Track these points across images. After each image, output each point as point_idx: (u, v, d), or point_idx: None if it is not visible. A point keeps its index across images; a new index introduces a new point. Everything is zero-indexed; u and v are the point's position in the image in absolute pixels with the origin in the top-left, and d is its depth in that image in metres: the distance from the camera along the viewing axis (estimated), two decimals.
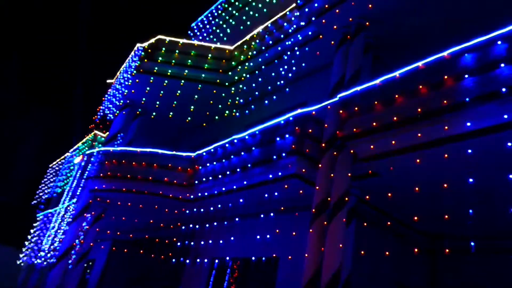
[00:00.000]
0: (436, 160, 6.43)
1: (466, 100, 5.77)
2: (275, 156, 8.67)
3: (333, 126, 8.01)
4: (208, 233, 11.65)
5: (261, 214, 10.00)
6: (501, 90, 5.46)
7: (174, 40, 14.27)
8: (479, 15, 8.02)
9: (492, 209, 7.36)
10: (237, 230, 10.70)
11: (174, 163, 11.69)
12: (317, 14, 9.64)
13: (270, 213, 9.79)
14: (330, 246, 7.12)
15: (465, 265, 9.08)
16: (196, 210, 11.55)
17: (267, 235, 9.60)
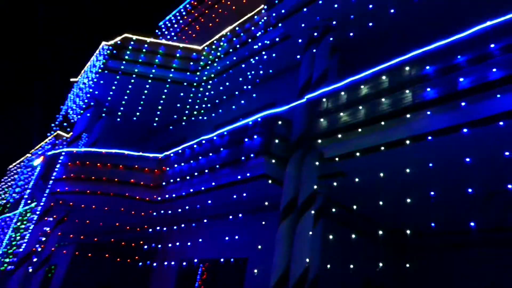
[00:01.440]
0: (399, 160, 6.63)
1: (428, 101, 5.97)
2: (244, 157, 8.66)
3: (300, 126, 8.10)
4: (175, 235, 11.49)
5: (229, 215, 9.96)
6: (460, 92, 5.68)
7: (141, 38, 14.01)
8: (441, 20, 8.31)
9: (454, 205, 7.66)
10: (205, 231, 10.62)
11: (141, 164, 11.45)
12: (285, 16, 9.73)
13: (239, 214, 9.78)
14: (298, 246, 7.19)
15: (428, 259, 9.41)
16: (163, 212, 11.37)
17: (235, 236, 9.58)
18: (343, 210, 8.93)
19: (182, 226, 11.46)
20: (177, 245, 11.27)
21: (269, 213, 8.89)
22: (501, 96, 5.40)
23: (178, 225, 11.61)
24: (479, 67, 5.72)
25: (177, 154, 10.86)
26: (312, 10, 9.20)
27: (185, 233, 11.24)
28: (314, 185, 7.57)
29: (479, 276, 8.46)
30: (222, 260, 9.79)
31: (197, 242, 10.62)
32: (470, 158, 6.04)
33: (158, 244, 12.09)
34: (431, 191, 6.74)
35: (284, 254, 7.27)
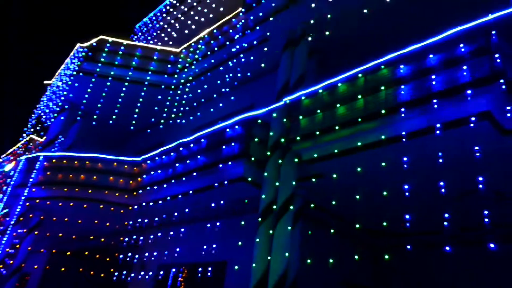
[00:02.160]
0: (375, 161, 6.74)
1: (402, 104, 6.10)
2: (222, 160, 8.63)
3: (278, 129, 8.14)
4: (153, 241, 11.33)
5: (208, 219, 9.90)
6: (432, 96, 5.82)
7: (117, 40, 13.81)
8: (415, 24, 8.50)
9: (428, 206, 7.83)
10: (183, 236, 10.51)
11: (118, 169, 11.27)
12: (263, 18, 9.78)
13: (217, 217, 9.73)
14: (277, 248, 7.20)
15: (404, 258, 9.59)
16: (140, 217, 11.21)
17: (214, 240, 9.52)
18: (321, 211, 9.00)
19: (160, 231, 11.31)
20: (155, 251, 11.11)
21: (248, 215, 8.89)
22: (471, 98, 5.56)
23: (156, 230, 11.46)
24: (451, 70, 5.88)
25: (155, 157, 10.74)
26: (290, 13, 9.27)
27: (163, 238, 11.09)
28: (293, 187, 7.61)
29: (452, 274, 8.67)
30: (200, 265, 9.71)
31: (175, 247, 10.50)
32: (443, 159, 6.19)
33: (135, 249, 11.89)
34: (406, 191, 6.88)
35: (263, 256, 7.28)
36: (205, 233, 9.80)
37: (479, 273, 8.46)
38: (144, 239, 11.77)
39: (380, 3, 8.58)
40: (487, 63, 5.57)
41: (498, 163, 6.19)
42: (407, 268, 9.61)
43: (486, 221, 7.10)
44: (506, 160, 5.99)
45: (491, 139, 5.78)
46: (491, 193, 7.15)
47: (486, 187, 6.53)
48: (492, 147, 5.87)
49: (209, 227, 9.77)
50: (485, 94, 5.52)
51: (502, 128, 5.67)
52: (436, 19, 7.50)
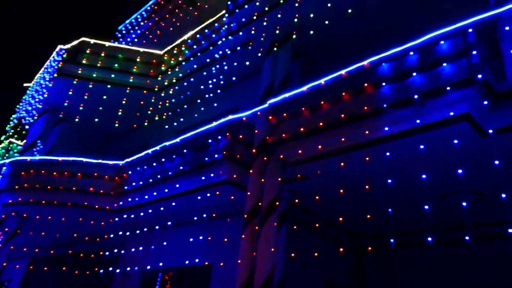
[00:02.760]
0: (359, 163, 6.81)
1: (384, 106, 6.19)
2: (207, 163, 8.60)
3: (263, 131, 8.15)
4: (137, 244, 11.18)
5: (192, 222, 9.83)
6: (413, 97, 5.92)
7: (99, 42, 13.64)
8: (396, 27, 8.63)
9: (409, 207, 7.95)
10: (168, 239, 10.41)
11: (101, 172, 11.09)
12: (247, 21, 9.79)
13: (202, 220, 9.67)
14: (262, 251, 7.21)
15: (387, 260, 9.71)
16: (124, 221, 11.06)
17: (199, 243, 9.46)
18: (306, 214, 9.05)
19: (144, 234, 11.18)
20: (139, 254, 10.97)
21: (233, 218, 8.87)
22: (451, 100, 5.68)
23: (140, 233, 11.32)
24: (431, 73, 5.99)
25: (138, 160, 10.62)
26: (273, 16, 9.31)
27: (147, 241, 10.97)
28: (278, 189, 7.63)
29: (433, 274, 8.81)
30: (185, 269, 9.64)
31: (159, 250, 10.40)
32: (425, 160, 6.30)
33: (119, 253, 11.72)
34: (389, 192, 6.97)
35: (249, 260, 7.27)
36: (190, 236, 9.73)
37: (460, 272, 8.62)
38: (128, 244, 11.62)
39: (362, 7, 8.68)
40: (466, 66, 5.68)
41: (478, 164, 6.32)
42: (389, 268, 9.73)
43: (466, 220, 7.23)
44: (485, 160, 6.12)
45: (470, 140, 5.90)
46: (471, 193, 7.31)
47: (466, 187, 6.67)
48: (471, 148, 5.99)
49: (194, 230, 9.71)
50: (465, 96, 5.63)
51: (481, 129, 5.80)
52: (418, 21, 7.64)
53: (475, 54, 5.68)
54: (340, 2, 8.69)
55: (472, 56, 5.68)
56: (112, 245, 12.07)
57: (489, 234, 8.11)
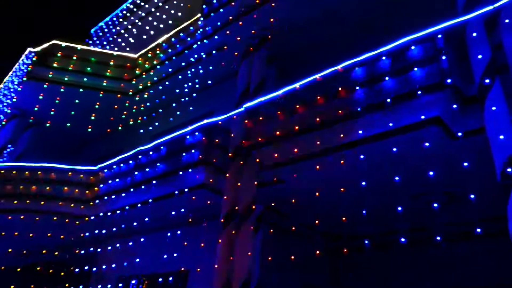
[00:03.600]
0: (334, 166, 6.89)
1: (358, 109, 6.29)
2: (182, 167, 8.53)
3: (239, 135, 8.15)
4: (111, 252, 10.94)
5: (168, 228, 9.71)
6: (386, 101, 6.04)
7: (71, 45, 13.34)
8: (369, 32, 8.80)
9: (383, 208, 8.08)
10: (143, 246, 10.24)
11: (73, 178, 10.84)
12: (221, 26, 9.79)
13: (178, 226, 9.57)
14: (239, 255, 7.18)
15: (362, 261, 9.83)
16: (98, 227, 10.81)
17: (175, 249, 9.34)
18: (282, 217, 9.08)
19: (118, 242, 10.95)
20: (113, 263, 10.74)
21: (210, 223, 8.80)
22: (422, 104, 5.82)
23: (114, 241, 11.09)
24: (403, 77, 6.13)
25: (112, 166, 10.43)
26: (248, 20, 9.34)
27: (122, 248, 10.76)
28: (254, 194, 7.63)
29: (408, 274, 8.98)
30: (162, 275, 9.50)
31: (134, 258, 10.20)
32: (397, 163, 6.43)
33: (92, 263, 11.43)
34: (363, 194, 7.08)
35: (225, 264, 7.23)
36: (165, 242, 9.60)
37: (433, 272, 8.81)
38: (102, 250, 11.36)
39: (336, 12, 8.82)
40: (436, 70, 5.85)
41: (448, 166, 6.49)
42: (365, 269, 9.85)
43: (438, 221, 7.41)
44: (455, 162, 6.28)
45: (441, 143, 6.06)
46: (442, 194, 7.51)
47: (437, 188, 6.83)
48: (442, 151, 6.16)
49: (170, 235, 9.58)
50: (435, 100, 5.79)
51: (451, 132, 5.97)
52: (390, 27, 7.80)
53: (444, 59, 5.86)
54: (313, 8, 8.80)
55: (442, 61, 5.86)
56: (85, 252, 11.78)
57: (459, 234, 8.32)
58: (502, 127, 5.21)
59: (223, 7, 9.55)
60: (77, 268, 11.66)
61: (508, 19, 5.71)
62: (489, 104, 5.42)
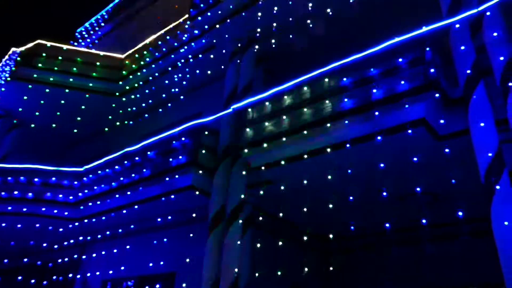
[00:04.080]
0: (321, 167, 6.94)
1: (345, 111, 6.35)
2: (170, 169, 8.47)
3: (227, 136, 8.15)
4: (98, 253, 10.83)
5: (156, 228, 9.64)
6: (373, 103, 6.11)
7: (56, 45, 13.15)
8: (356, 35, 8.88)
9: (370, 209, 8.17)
10: (130, 249, 10.14)
11: (58, 180, 10.69)
12: (209, 27, 9.78)
13: (166, 227, 9.50)
14: (227, 256, 7.18)
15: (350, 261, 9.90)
16: (84, 229, 10.68)
17: (162, 250, 9.28)
18: (271, 218, 9.08)
19: (105, 243, 10.84)
20: (100, 263, 10.62)
21: (197, 224, 8.76)
22: (408, 106, 5.90)
23: (101, 242, 10.97)
24: (390, 79, 6.21)
25: (98, 167, 10.31)
26: (236, 22, 9.34)
27: (108, 250, 10.64)
28: (242, 195, 7.63)
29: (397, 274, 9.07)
30: (148, 277, 9.42)
31: (121, 261, 10.10)
32: (384, 164, 6.49)
33: (78, 262, 11.28)
34: (350, 195, 7.14)
35: (213, 265, 7.23)
36: (152, 245, 9.53)
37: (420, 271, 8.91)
38: (87, 254, 11.22)
39: (323, 15, 8.86)
40: (422, 73, 5.93)
41: (433, 167, 6.59)
42: (353, 269, 9.92)
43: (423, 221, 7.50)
44: (440, 164, 6.39)
45: (427, 144, 6.15)
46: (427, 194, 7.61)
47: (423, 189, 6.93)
48: (427, 152, 6.24)
49: (157, 238, 9.52)
50: (421, 102, 5.88)
51: (436, 134, 6.06)
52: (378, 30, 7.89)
53: (430, 62, 5.95)
54: (300, 11, 8.84)
55: (427, 63, 5.95)
56: (71, 254, 11.62)
57: (445, 234, 8.45)
58: (486, 128, 5.32)
59: (210, 9, 9.54)
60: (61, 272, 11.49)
61: (492, 22, 5.84)
62: (473, 106, 5.54)
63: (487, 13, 5.92)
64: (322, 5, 8.67)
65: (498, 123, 5.40)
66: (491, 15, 5.88)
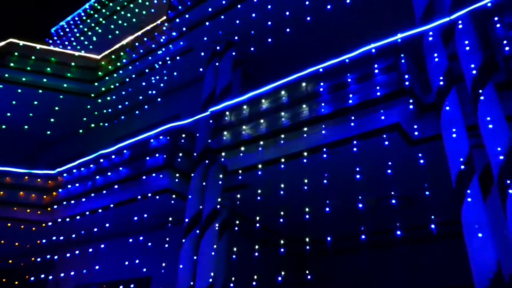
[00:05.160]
0: (297, 172, 6.96)
1: (321, 115, 6.40)
2: (146, 171, 8.36)
3: (204, 139, 8.10)
4: (69, 260, 10.54)
5: (130, 234, 9.48)
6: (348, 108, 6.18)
7: (30, 44, 12.82)
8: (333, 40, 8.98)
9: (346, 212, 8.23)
10: (104, 252, 9.93)
11: (29, 183, 10.40)
12: (188, 29, 9.71)
13: (141, 231, 9.36)
14: (203, 260, 7.12)
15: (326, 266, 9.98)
16: (56, 234, 10.40)
17: (137, 255, 9.12)
18: (247, 222, 9.05)
19: (78, 247, 10.57)
20: (72, 270, 10.35)
21: (173, 228, 8.67)
22: (383, 111, 6.00)
23: (73, 248, 10.69)
24: (365, 85, 6.29)
25: (72, 169, 10.10)
26: (214, 24, 9.31)
27: (81, 255, 10.39)
28: (218, 199, 7.58)
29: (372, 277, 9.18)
30: (123, 282, 9.24)
31: (94, 265, 9.87)
32: (360, 168, 6.56)
33: (48, 271, 10.96)
34: (326, 200, 7.19)
35: (189, 270, 7.15)
36: (127, 249, 9.37)
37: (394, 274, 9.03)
38: (60, 258, 10.92)
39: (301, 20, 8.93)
40: (397, 79, 6.04)
41: (407, 171, 6.71)
42: (329, 272, 9.99)
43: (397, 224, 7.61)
44: (414, 168, 6.50)
45: (400, 149, 6.26)
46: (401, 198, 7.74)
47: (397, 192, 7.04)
48: (401, 157, 6.36)
49: (132, 242, 9.36)
50: (395, 108, 5.98)
51: (410, 139, 6.18)
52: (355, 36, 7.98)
53: (404, 68, 6.07)
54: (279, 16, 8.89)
55: (402, 70, 6.06)
56: (42, 260, 11.30)
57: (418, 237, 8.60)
58: (457, 134, 5.46)
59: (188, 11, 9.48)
60: (32, 276, 11.16)
61: (463, 31, 6.00)
62: (445, 112, 5.67)
63: (459, 22, 6.08)
64: (300, 11, 8.73)
65: (468, 129, 5.54)
66: (463, 23, 6.04)
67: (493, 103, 5.35)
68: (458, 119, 5.56)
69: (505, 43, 5.50)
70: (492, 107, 5.32)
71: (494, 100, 5.37)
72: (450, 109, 5.64)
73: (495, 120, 5.23)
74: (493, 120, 5.23)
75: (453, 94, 5.75)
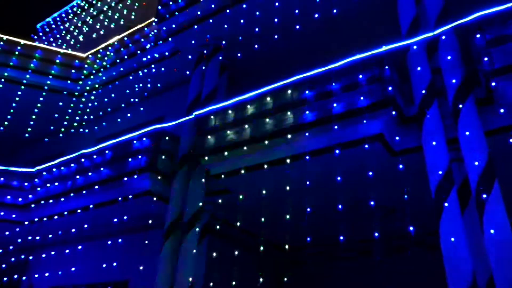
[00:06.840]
0: (280, 178, 6.97)
1: (305, 123, 6.43)
2: (127, 173, 8.25)
3: (188, 143, 8.06)
4: (46, 260, 10.31)
5: (109, 235, 9.33)
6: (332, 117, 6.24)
7: (13, 39, 12.59)
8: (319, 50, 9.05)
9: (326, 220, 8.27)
10: (81, 254, 9.74)
11: (7, 180, 10.16)
12: (176, 31, 9.69)
13: (120, 233, 9.21)
14: (182, 264, 7.05)
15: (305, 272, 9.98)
16: (32, 234, 10.16)
17: (115, 258, 8.98)
18: (228, 226, 9.01)
19: (53, 249, 10.34)
20: (47, 272, 10.11)
21: (153, 231, 8.56)
22: (366, 121, 6.06)
23: (49, 248, 10.46)
24: (349, 95, 6.36)
25: (51, 168, 9.91)
26: (203, 28, 9.31)
27: (57, 257, 10.17)
28: (200, 202, 7.54)
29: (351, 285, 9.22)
30: (100, 285, 9.08)
31: (71, 266, 9.67)
32: (341, 177, 6.61)
33: (23, 271, 10.69)
34: (307, 207, 7.21)
35: (168, 274, 7.08)
36: (105, 251, 9.20)
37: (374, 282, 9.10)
38: (35, 258, 10.67)
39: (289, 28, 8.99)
40: (380, 90, 6.12)
41: (388, 181, 6.77)
42: (308, 279, 10.01)
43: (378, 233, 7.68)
44: (395, 178, 6.57)
45: (382, 159, 6.32)
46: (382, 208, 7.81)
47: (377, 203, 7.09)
48: (383, 167, 6.42)
49: (110, 244, 9.20)
50: (378, 118, 6.05)
51: (392, 149, 6.25)
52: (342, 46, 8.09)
53: (388, 80, 6.16)
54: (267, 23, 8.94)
55: (386, 81, 6.15)
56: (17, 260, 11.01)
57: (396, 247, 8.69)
58: (438, 146, 5.55)
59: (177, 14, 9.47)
60: (5, 276, 10.86)
61: (446, 45, 6.13)
62: (426, 124, 5.77)
63: (442, 37, 6.21)
64: (288, 19, 8.80)
65: (449, 142, 5.64)
66: (446, 38, 6.17)
67: (473, 118, 5.47)
68: (439, 131, 5.67)
69: (486, 60, 5.63)
70: (472, 122, 5.44)
71: (473, 115, 5.49)
72: (431, 121, 5.74)
73: (474, 134, 5.34)
74: (472, 135, 5.34)
75: (435, 107, 5.86)
